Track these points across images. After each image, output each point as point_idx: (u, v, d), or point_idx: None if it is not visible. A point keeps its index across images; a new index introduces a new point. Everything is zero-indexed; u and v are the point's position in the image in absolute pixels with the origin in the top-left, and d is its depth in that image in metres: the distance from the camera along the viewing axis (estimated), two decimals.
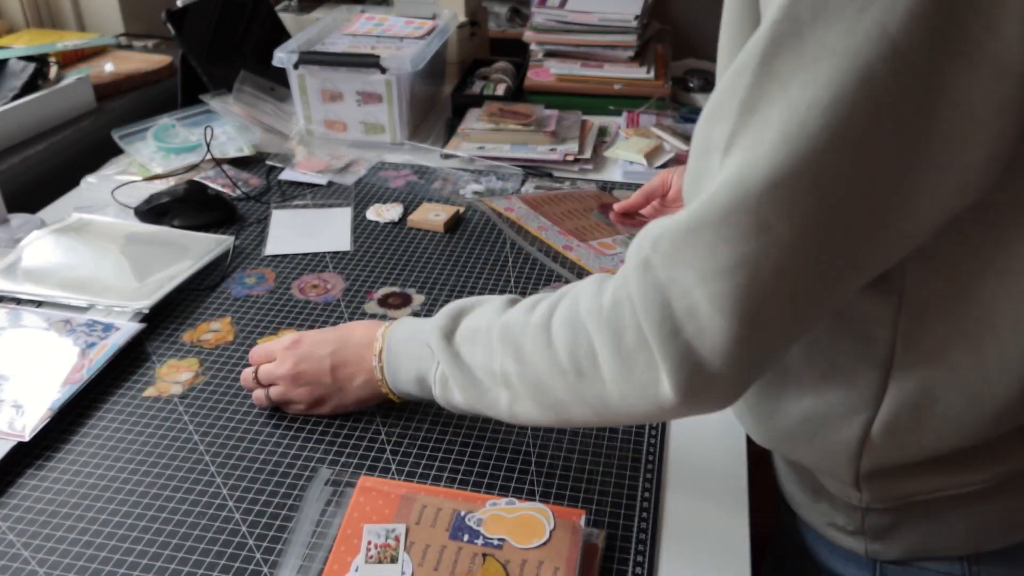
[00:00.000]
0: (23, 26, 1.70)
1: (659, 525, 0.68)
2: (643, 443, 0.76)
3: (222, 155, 1.26)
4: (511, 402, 0.62)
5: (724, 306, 0.49)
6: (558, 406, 0.60)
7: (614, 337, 0.54)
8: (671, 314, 0.51)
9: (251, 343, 0.89)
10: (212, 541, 0.66)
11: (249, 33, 1.54)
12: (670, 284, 0.51)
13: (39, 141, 1.28)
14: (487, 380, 0.63)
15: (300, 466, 0.73)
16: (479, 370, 0.64)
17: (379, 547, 0.63)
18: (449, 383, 0.66)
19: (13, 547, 0.66)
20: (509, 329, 0.61)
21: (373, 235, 1.10)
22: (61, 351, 0.85)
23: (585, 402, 0.58)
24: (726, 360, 0.50)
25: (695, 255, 0.49)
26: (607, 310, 0.54)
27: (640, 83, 1.46)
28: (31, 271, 0.98)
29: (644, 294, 0.52)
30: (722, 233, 0.48)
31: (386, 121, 1.34)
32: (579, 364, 0.56)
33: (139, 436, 0.77)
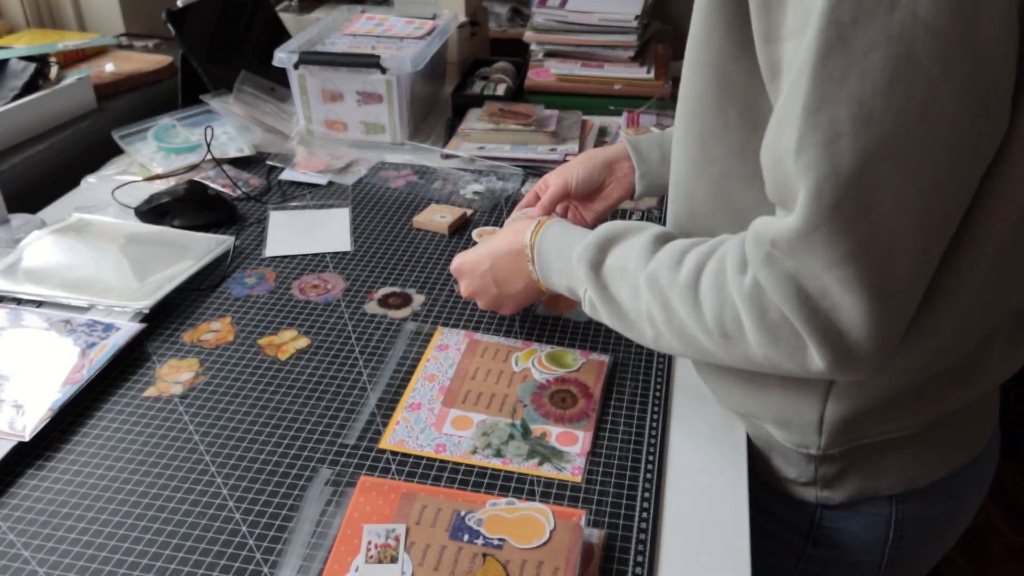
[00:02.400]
0: (24, 26, 1.70)
1: (659, 525, 0.68)
2: (643, 443, 0.76)
3: (222, 155, 1.26)
4: (656, 337, 0.68)
5: (852, 287, 0.54)
6: (702, 352, 0.66)
7: (758, 312, 0.59)
8: (806, 296, 0.56)
9: (251, 343, 0.89)
10: (212, 541, 0.66)
11: (249, 33, 1.54)
12: (798, 272, 0.56)
13: (40, 141, 1.28)
14: (634, 315, 0.69)
15: (300, 466, 0.73)
16: (626, 305, 0.69)
17: (379, 547, 0.63)
18: (597, 308, 0.72)
19: (13, 547, 0.66)
20: (656, 281, 0.66)
21: (373, 235, 1.10)
22: (61, 351, 0.85)
23: (729, 356, 0.64)
24: (864, 331, 0.56)
25: (816, 251, 0.55)
26: (748, 289, 0.59)
27: (640, 83, 1.46)
28: (31, 271, 0.98)
29: (776, 284, 0.57)
30: (834, 226, 0.53)
31: (386, 121, 1.34)
32: (725, 328, 0.61)
33: (139, 436, 0.77)
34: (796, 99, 0.54)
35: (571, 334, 0.90)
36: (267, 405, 0.80)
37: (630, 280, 0.68)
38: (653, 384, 0.83)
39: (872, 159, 0.52)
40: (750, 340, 0.60)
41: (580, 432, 0.76)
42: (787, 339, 0.58)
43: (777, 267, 0.57)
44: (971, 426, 0.78)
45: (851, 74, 0.51)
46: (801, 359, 0.59)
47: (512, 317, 0.92)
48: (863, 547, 0.79)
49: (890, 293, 0.55)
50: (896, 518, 0.77)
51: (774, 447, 0.77)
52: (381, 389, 0.82)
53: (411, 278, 1.00)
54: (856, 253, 0.54)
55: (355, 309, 0.95)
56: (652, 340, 0.69)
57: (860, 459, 0.74)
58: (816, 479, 0.76)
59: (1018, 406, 1.91)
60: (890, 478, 0.75)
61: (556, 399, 0.80)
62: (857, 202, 0.53)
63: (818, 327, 0.56)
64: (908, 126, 0.51)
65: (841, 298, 0.55)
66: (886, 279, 0.55)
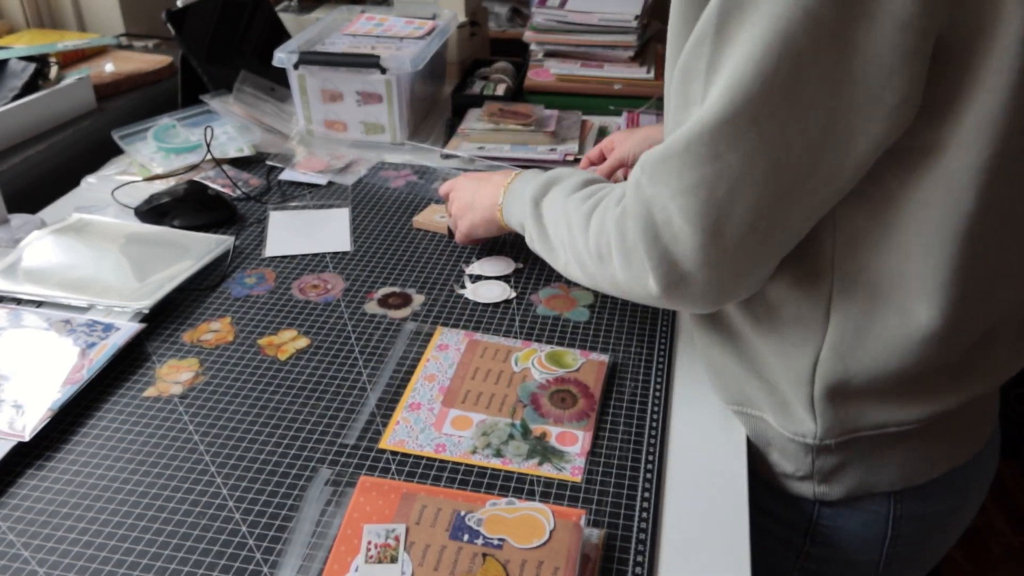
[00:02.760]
0: (23, 26, 1.70)
1: (659, 525, 0.68)
2: (643, 443, 0.76)
3: (222, 155, 1.26)
4: (566, 263, 0.78)
5: (690, 218, 0.61)
6: (590, 276, 0.75)
7: (620, 236, 0.67)
8: (653, 223, 0.64)
9: (251, 343, 0.89)
10: (212, 541, 0.66)
11: (249, 33, 1.54)
12: (653, 199, 0.64)
13: (39, 141, 1.28)
14: (555, 242, 0.79)
15: (300, 466, 0.73)
16: (551, 233, 0.80)
17: (379, 547, 0.63)
18: (534, 239, 0.84)
19: (13, 547, 0.66)
20: (567, 210, 0.76)
21: (373, 235, 1.10)
22: (61, 351, 0.85)
23: (605, 279, 0.72)
24: (695, 262, 0.63)
25: (667, 176, 0.62)
26: (617, 215, 0.68)
27: (640, 83, 1.46)
28: (31, 271, 0.98)
29: (635, 207, 0.65)
30: (685, 160, 0.61)
31: (386, 121, 1.34)
32: (600, 251, 0.70)
33: (139, 436, 0.77)
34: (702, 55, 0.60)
35: (571, 334, 0.90)
36: (267, 405, 0.80)
37: (554, 211, 0.79)
38: (653, 384, 0.83)
39: (731, 116, 0.58)
40: (614, 263, 0.69)
41: (580, 432, 0.76)
42: (636, 263, 0.66)
43: (639, 193, 0.65)
44: (971, 425, 0.78)
45: (739, 39, 0.57)
46: (644, 282, 0.66)
47: (512, 316, 0.92)
48: (861, 545, 0.79)
49: (723, 235, 0.61)
50: (894, 516, 0.77)
51: (772, 441, 0.77)
52: (381, 389, 0.82)
53: (411, 278, 1.00)
54: (698, 187, 0.60)
55: (355, 309, 0.95)
56: (563, 265, 0.79)
57: (858, 453, 0.74)
58: (813, 472, 0.76)
59: (1018, 406, 1.91)
60: (888, 474, 0.75)
61: (556, 399, 0.80)
62: (708, 146, 0.59)
63: (658, 253, 0.64)
64: (769, 95, 0.57)
65: (680, 229, 0.62)
66: (722, 220, 0.61)
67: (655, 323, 0.92)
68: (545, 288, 0.98)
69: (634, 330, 0.91)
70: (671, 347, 0.89)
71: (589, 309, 0.94)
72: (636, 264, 0.66)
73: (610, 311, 0.93)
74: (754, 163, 0.59)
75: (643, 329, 0.91)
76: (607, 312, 0.93)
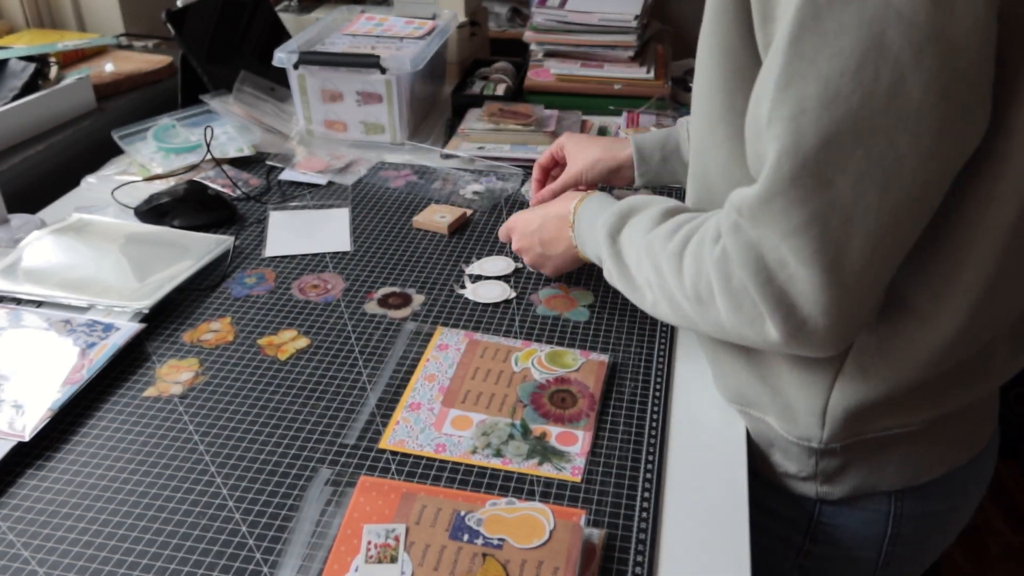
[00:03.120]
0: (23, 26, 1.70)
1: (659, 525, 0.68)
2: (643, 443, 0.76)
3: (222, 155, 1.26)
4: (654, 303, 0.73)
5: (806, 258, 0.57)
6: (686, 318, 0.70)
7: (724, 279, 0.62)
8: (765, 266, 0.59)
9: (251, 343, 0.89)
10: (212, 541, 0.66)
11: (249, 33, 1.54)
12: (760, 241, 0.59)
13: (39, 141, 1.28)
14: (638, 280, 0.74)
15: (300, 466, 0.73)
16: (633, 271, 0.75)
17: (379, 547, 0.63)
18: (612, 275, 0.78)
19: (13, 547, 0.66)
20: (652, 248, 0.71)
21: (373, 235, 1.10)
22: (61, 351, 0.85)
23: (705, 322, 0.67)
24: (818, 303, 0.58)
25: (773, 219, 0.57)
26: (718, 257, 0.63)
27: (640, 83, 1.46)
28: (31, 271, 0.98)
29: (739, 251, 0.60)
30: (791, 197, 0.56)
31: (386, 121, 1.34)
32: (700, 294, 0.65)
33: (139, 436, 0.77)
34: (771, 74, 0.56)
35: (571, 334, 0.90)
36: (267, 405, 0.80)
37: (637, 248, 0.73)
38: (653, 384, 0.83)
39: (834, 137, 0.54)
40: (719, 306, 0.64)
41: (580, 432, 0.76)
42: (747, 307, 0.61)
43: (742, 235, 0.60)
44: (972, 425, 0.78)
45: (822, 54, 0.53)
46: (760, 328, 0.62)
47: (512, 316, 0.92)
48: (861, 543, 0.79)
49: (844, 269, 0.57)
50: (894, 515, 0.77)
51: (774, 442, 0.77)
52: (381, 389, 0.82)
53: (411, 278, 1.00)
54: (811, 224, 0.56)
55: (355, 309, 0.95)
56: (651, 305, 0.74)
57: (861, 454, 0.74)
58: (816, 473, 0.76)
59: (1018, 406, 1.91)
60: (890, 474, 0.75)
61: (556, 399, 0.80)
62: (815, 176, 0.55)
63: (773, 297, 0.59)
64: (873, 109, 0.53)
65: (796, 269, 0.57)
66: (841, 255, 0.56)
67: (655, 323, 0.92)
68: (545, 288, 0.98)
69: (634, 330, 0.91)
70: (671, 347, 0.89)
71: (589, 309, 0.94)
72: (747, 309, 0.62)
73: (610, 311, 0.94)
74: (866, 185, 0.54)
75: (643, 329, 0.91)
76: (607, 312, 0.93)
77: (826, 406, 0.71)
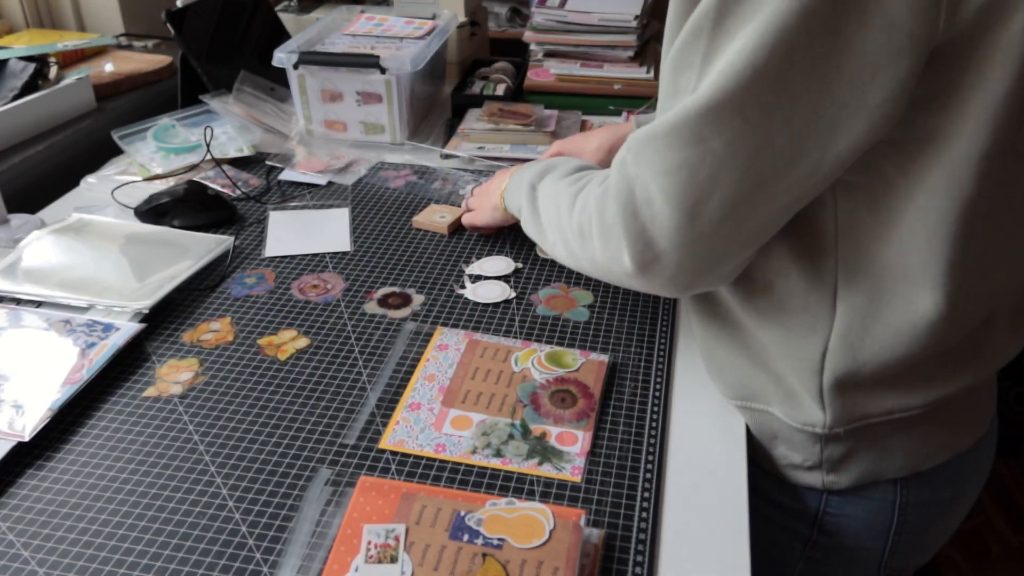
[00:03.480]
0: (23, 26, 1.70)
1: (659, 525, 0.68)
2: (643, 443, 0.76)
3: (222, 155, 1.26)
4: (553, 243, 0.80)
5: (669, 198, 0.63)
6: (574, 256, 0.76)
7: (600, 214, 0.69)
8: (633, 200, 0.65)
9: (251, 343, 0.89)
10: (212, 541, 0.66)
11: (249, 33, 1.54)
12: (635, 178, 0.65)
13: (39, 141, 1.28)
14: (545, 223, 0.81)
15: (300, 466, 0.73)
16: (543, 216, 0.82)
17: (379, 547, 0.63)
18: (527, 221, 0.87)
19: (13, 547, 0.66)
20: (557, 191, 0.79)
21: (373, 235, 1.10)
22: (61, 351, 0.85)
23: (585, 258, 0.73)
24: (670, 242, 0.64)
25: (651, 157, 0.63)
26: (599, 194, 0.70)
27: (640, 83, 1.46)
28: (31, 271, 0.98)
29: (617, 184, 0.66)
30: (670, 141, 0.62)
31: (386, 121, 1.34)
32: (583, 230, 0.72)
33: (139, 436, 0.77)
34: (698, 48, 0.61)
35: (571, 334, 0.90)
36: (267, 405, 0.80)
37: (547, 193, 0.81)
38: (653, 384, 0.83)
39: (718, 102, 0.59)
40: (594, 241, 0.70)
41: (580, 432, 0.76)
42: (614, 240, 0.67)
43: (623, 171, 0.66)
44: (972, 410, 0.79)
45: (738, 32, 0.58)
46: (620, 260, 0.67)
47: (512, 316, 0.92)
48: (868, 532, 0.80)
49: (700, 218, 0.62)
50: (900, 503, 0.78)
51: (778, 433, 0.78)
52: (381, 389, 0.82)
53: (411, 278, 1.00)
54: (679, 169, 0.61)
55: (355, 309, 0.95)
56: (551, 247, 0.81)
57: (866, 440, 0.75)
58: (822, 461, 0.76)
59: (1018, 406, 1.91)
60: (895, 461, 0.76)
61: (556, 399, 0.80)
62: (693, 131, 0.60)
63: (634, 231, 0.65)
64: (758, 84, 0.57)
65: (660, 209, 0.63)
66: (701, 203, 0.62)
67: (655, 323, 0.92)
68: (545, 288, 0.98)
69: (634, 330, 0.91)
70: (671, 347, 0.89)
71: (589, 309, 0.94)
72: (613, 241, 0.67)
73: (610, 311, 0.94)
74: (737, 150, 0.60)
75: (643, 329, 0.91)
76: (607, 312, 0.93)
77: (821, 385, 0.72)
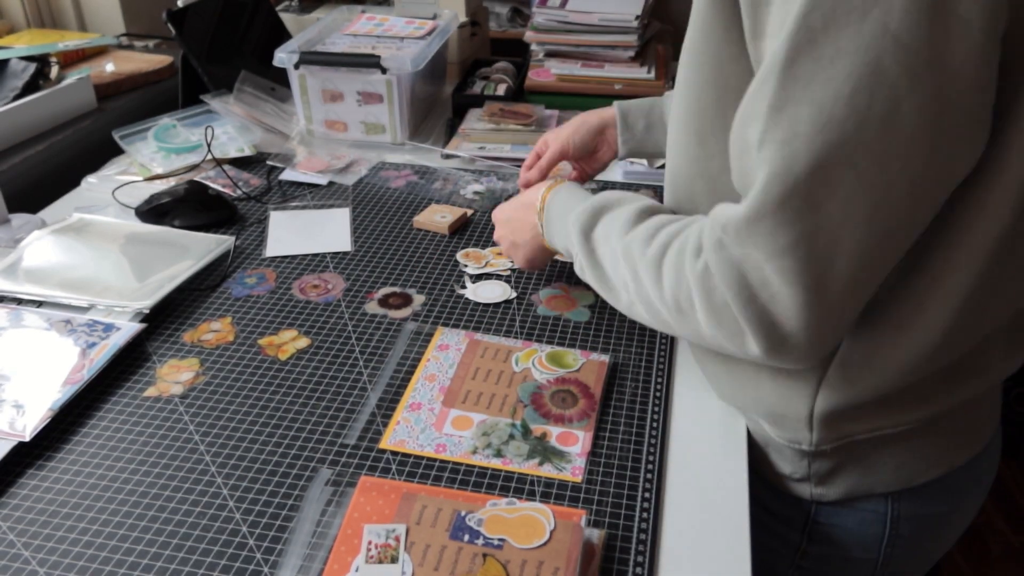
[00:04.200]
0: (24, 26, 1.70)
1: (659, 525, 0.68)
2: (643, 443, 0.76)
3: (223, 155, 1.26)
4: (629, 304, 0.73)
5: (790, 278, 0.57)
6: (663, 323, 0.70)
7: (706, 294, 0.62)
8: (747, 284, 0.59)
9: (251, 343, 0.89)
10: (212, 541, 0.66)
11: (249, 33, 1.54)
12: (743, 260, 0.59)
13: (40, 141, 1.28)
14: (613, 280, 0.74)
15: (300, 466, 0.73)
16: (608, 271, 0.75)
17: (379, 547, 0.63)
18: (585, 271, 0.78)
19: (13, 547, 0.66)
20: (630, 252, 0.70)
21: (373, 235, 1.10)
22: (62, 351, 0.85)
23: (684, 329, 0.68)
24: (799, 321, 0.58)
25: (759, 240, 0.57)
26: (699, 272, 0.63)
27: (641, 83, 1.46)
28: (32, 271, 0.98)
29: (721, 269, 0.60)
30: (779, 219, 0.56)
31: (387, 121, 1.34)
32: (680, 304, 0.66)
33: (139, 436, 0.77)
34: (763, 96, 0.56)
35: (571, 334, 0.90)
36: (267, 405, 0.80)
37: (612, 247, 0.73)
38: (653, 384, 0.83)
39: (826, 162, 0.54)
40: (699, 318, 0.64)
41: (580, 432, 0.76)
42: (728, 322, 0.62)
43: (725, 253, 0.60)
44: (969, 426, 0.78)
45: (816, 78, 0.53)
46: (740, 342, 0.62)
47: (512, 317, 0.92)
48: (859, 544, 0.79)
49: (826, 290, 0.57)
50: (892, 516, 0.77)
51: (769, 443, 0.78)
52: (381, 389, 0.82)
53: (411, 278, 1.00)
54: (797, 246, 0.56)
55: (355, 309, 0.95)
56: (626, 306, 0.74)
57: (853, 456, 0.74)
58: (810, 475, 0.76)
59: (1018, 406, 1.90)
60: (884, 476, 0.75)
61: (556, 399, 0.80)
62: (804, 199, 0.55)
63: (755, 315, 0.60)
64: (866, 134, 0.52)
65: (779, 289, 0.58)
66: (824, 276, 0.57)
67: None
68: (545, 288, 0.98)
69: (634, 330, 0.91)
70: (671, 347, 0.89)
71: (589, 309, 0.94)
72: (728, 324, 0.62)
73: (611, 311, 0.93)
74: (854, 208, 0.55)
75: (643, 329, 0.91)
76: (607, 312, 0.93)
77: (812, 412, 0.71)
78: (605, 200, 0.77)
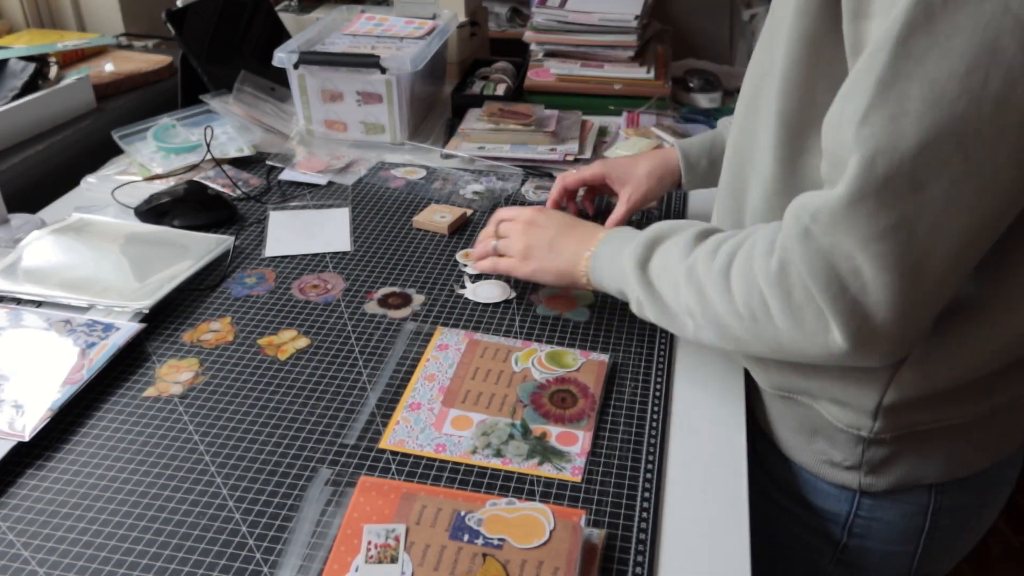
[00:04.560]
0: (23, 26, 1.70)
1: (659, 525, 0.68)
2: (643, 443, 0.76)
3: (222, 155, 1.26)
4: (696, 329, 0.70)
5: (887, 264, 0.55)
6: (736, 340, 0.67)
7: (784, 294, 0.60)
8: (837, 275, 0.57)
9: (251, 343, 0.89)
10: (212, 541, 0.66)
11: (249, 33, 1.54)
12: (832, 249, 0.57)
13: (39, 141, 1.28)
14: (675, 308, 0.71)
15: (300, 466, 0.73)
16: (668, 299, 0.72)
17: (379, 547, 0.63)
18: (644, 305, 0.75)
19: (13, 547, 0.66)
20: (694, 273, 0.68)
21: (373, 235, 1.10)
22: (61, 351, 0.85)
23: (760, 341, 0.65)
24: (891, 311, 0.56)
25: (857, 223, 0.55)
26: (775, 271, 0.60)
27: (640, 83, 1.46)
28: (31, 271, 0.98)
29: (808, 260, 0.58)
30: (881, 199, 0.54)
31: (386, 121, 1.34)
32: (754, 312, 0.63)
33: (139, 436, 0.77)
34: (871, 71, 0.54)
35: (571, 334, 0.90)
36: (267, 405, 0.80)
37: (672, 275, 0.71)
38: (653, 384, 0.83)
39: (935, 140, 0.52)
40: (776, 323, 0.62)
41: (580, 432, 0.76)
42: (810, 320, 0.59)
43: (812, 243, 0.58)
44: (1017, 421, 0.77)
45: (931, 54, 0.51)
46: (823, 341, 0.60)
47: (512, 316, 0.92)
48: (899, 537, 0.79)
49: (922, 278, 0.55)
50: (933, 508, 0.76)
51: (820, 429, 0.76)
52: (381, 389, 0.82)
53: (411, 278, 1.00)
54: (897, 229, 0.54)
55: (355, 309, 0.95)
56: (692, 332, 0.71)
57: (911, 445, 0.73)
58: (862, 463, 0.75)
59: None
60: (935, 467, 0.74)
61: (556, 399, 0.80)
62: (910, 178, 0.53)
63: (844, 307, 0.57)
64: (978, 114, 0.51)
65: (873, 277, 0.55)
66: (921, 263, 0.55)
67: None
68: (545, 288, 0.98)
69: (634, 330, 0.91)
70: (671, 347, 0.89)
71: (589, 309, 0.94)
72: (809, 323, 0.60)
73: (610, 311, 0.93)
74: (959, 192, 0.53)
75: (643, 329, 0.91)
76: (607, 312, 0.93)
77: (881, 402, 0.70)
78: (659, 231, 0.75)
